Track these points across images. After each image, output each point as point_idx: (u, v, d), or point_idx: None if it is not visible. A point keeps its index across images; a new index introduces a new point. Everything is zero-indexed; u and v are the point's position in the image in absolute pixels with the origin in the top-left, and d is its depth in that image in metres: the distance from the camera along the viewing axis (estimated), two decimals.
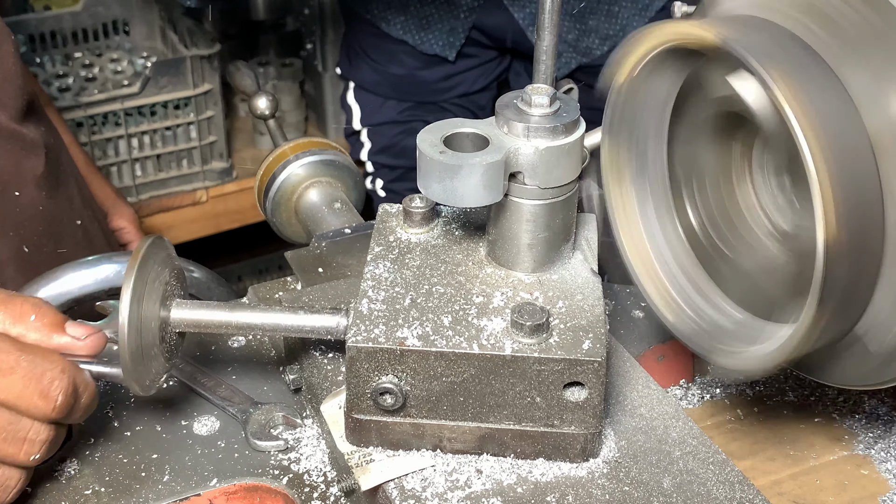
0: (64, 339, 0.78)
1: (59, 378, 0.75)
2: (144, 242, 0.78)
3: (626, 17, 1.70)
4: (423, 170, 0.75)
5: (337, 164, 1.15)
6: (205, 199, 2.00)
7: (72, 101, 1.83)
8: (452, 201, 0.75)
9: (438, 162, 0.74)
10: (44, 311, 0.78)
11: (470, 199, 0.74)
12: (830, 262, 0.64)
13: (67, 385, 0.75)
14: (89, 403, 0.78)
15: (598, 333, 0.75)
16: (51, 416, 0.75)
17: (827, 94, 0.65)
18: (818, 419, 0.94)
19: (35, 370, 0.74)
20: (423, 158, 0.75)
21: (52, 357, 0.75)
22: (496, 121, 0.78)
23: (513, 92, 0.79)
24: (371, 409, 0.76)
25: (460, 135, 0.77)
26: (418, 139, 0.76)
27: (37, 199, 1.25)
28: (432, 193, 0.75)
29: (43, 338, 0.77)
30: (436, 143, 0.75)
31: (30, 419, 0.75)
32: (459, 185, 0.74)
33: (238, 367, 0.95)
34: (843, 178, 0.63)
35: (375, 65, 1.85)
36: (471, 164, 0.73)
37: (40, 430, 0.75)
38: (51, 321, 0.78)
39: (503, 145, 0.75)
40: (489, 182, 0.74)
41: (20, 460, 0.76)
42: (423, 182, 0.76)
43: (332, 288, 0.95)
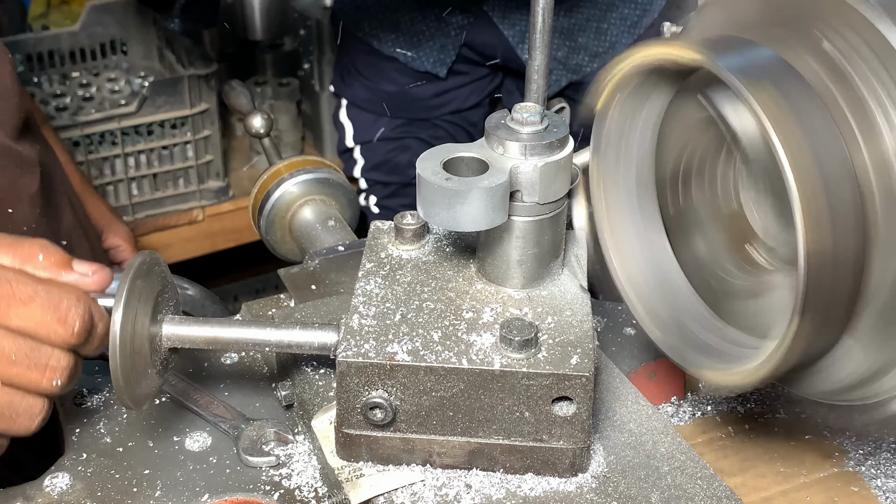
0: (72, 276, 0.80)
1: (75, 305, 0.77)
2: (137, 258, 0.78)
3: (615, 34, 1.72)
4: (429, 198, 0.74)
5: (331, 181, 1.16)
6: (201, 218, 2.00)
7: (69, 121, 1.84)
8: (461, 227, 0.74)
9: (446, 189, 0.73)
10: (50, 251, 0.80)
11: (480, 222, 0.75)
12: (811, 280, 0.65)
13: (84, 312, 0.77)
14: (104, 333, 0.79)
15: (586, 349, 0.75)
16: (70, 342, 0.77)
17: (811, 116, 0.66)
18: (809, 436, 0.95)
19: (52, 298, 0.76)
20: (428, 187, 0.74)
21: (67, 287, 0.78)
22: (488, 143, 0.78)
23: (497, 113, 0.80)
24: (361, 424, 0.77)
25: (456, 160, 0.77)
26: (419, 168, 0.75)
27: (30, 216, 1.26)
28: (440, 221, 0.75)
29: (52, 275, 0.79)
30: (438, 171, 0.75)
31: (50, 346, 0.77)
32: (469, 209, 0.74)
33: (230, 383, 0.95)
34: (822, 195, 0.64)
35: (367, 82, 1.86)
36: (480, 188, 0.73)
37: (61, 357, 0.78)
38: (58, 260, 0.80)
39: (504, 166, 0.76)
40: (497, 204, 0.75)
41: (43, 387, 0.77)
42: (428, 210, 0.75)
43: (324, 304, 0.95)
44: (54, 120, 1.84)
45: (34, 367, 0.76)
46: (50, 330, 0.76)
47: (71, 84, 1.97)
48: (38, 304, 0.76)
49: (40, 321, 0.76)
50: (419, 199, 0.76)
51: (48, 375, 0.77)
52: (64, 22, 2.22)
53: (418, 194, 0.76)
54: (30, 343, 0.76)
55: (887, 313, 0.69)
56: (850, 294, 0.69)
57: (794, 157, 0.64)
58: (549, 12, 0.93)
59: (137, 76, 2.01)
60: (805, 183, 0.64)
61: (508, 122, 0.78)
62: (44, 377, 0.77)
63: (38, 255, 0.80)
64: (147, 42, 2.04)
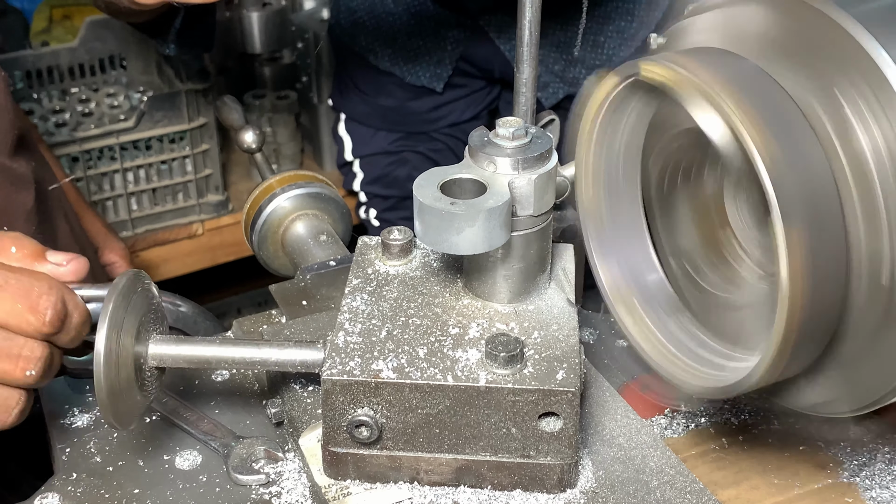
0: (46, 267, 0.79)
1: (47, 293, 0.75)
2: (123, 277, 0.78)
3: (612, 47, 1.71)
4: (436, 225, 0.73)
5: (323, 196, 1.15)
6: (201, 232, 2.00)
7: (67, 137, 1.84)
8: (473, 249, 0.73)
9: (455, 214, 0.72)
10: (23, 243, 0.80)
11: (491, 242, 0.74)
12: (794, 298, 0.64)
13: (56, 300, 0.76)
14: (81, 323, 0.78)
15: (573, 364, 0.75)
16: (43, 331, 0.76)
17: (791, 130, 0.66)
18: (803, 447, 0.94)
19: (22, 286, 0.75)
20: (433, 214, 0.73)
21: (39, 275, 0.76)
22: (475, 161, 0.77)
23: (476, 132, 0.79)
24: (347, 442, 0.76)
25: (450, 184, 0.76)
26: (419, 197, 0.74)
27: (25, 233, 1.25)
28: (448, 247, 0.73)
29: (25, 266, 0.78)
30: (440, 196, 0.74)
31: (23, 336, 0.76)
32: (479, 231, 0.73)
33: (221, 400, 0.95)
34: (805, 215, 0.64)
35: (365, 96, 1.86)
36: (489, 209, 0.73)
37: (34, 347, 0.76)
38: (31, 251, 0.80)
39: (501, 182, 0.75)
40: (504, 222, 0.74)
41: (17, 377, 0.76)
42: (435, 237, 0.74)
43: (314, 321, 0.95)
44: (53, 136, 1.84)
45: (6, 357, 0.75)
46: (21, 319, 0.75)
47: (70, 100, 1.97)
48: (8, 292, 0.74)
49: (10, 310, 0.74)
50: (422, 227, 0.74)
51: (21, 365, 0.76)
52: (66, 37, 2.22)
53: (421, 222, 0.74)
54: (1, 333, 0.75)
55: (873, 322, 0.69)
56: (835, 303, 0.69)
57: (771, 165, 0.64)
58: (536, 26, 0.93)
59: (136, 91, 2.01)
60: (783, 190, 0.64)
61: (494, 138, 0.78)
62: (17, 367, 0.76)
63: (11, 247, 0.79)
64: (146, 57, 2.04)
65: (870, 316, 0.68)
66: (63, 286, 0.78)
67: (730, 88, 0.66)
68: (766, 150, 0.63)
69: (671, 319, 0.83)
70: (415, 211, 0.75)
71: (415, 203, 0.74)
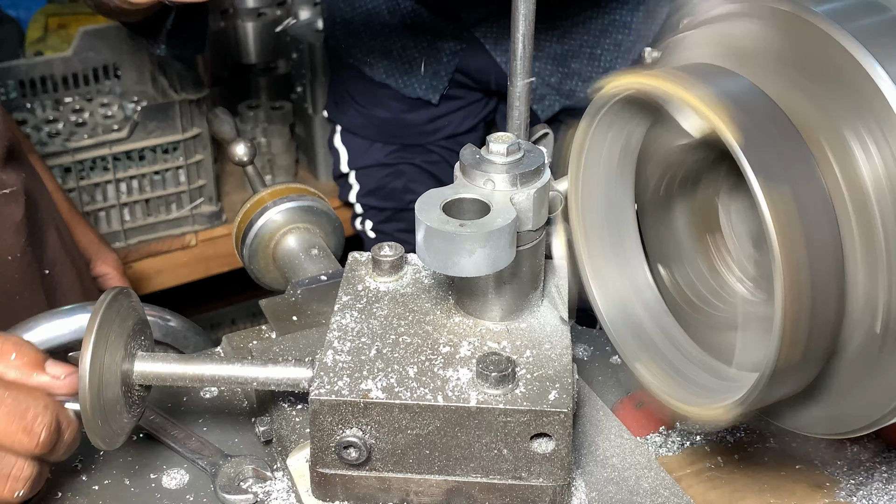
0: (44, 378, 0.78)
1: (42, 414, 0.75)
2: (107, 295, 0.77)
3: (609, 59, 1.71)
4: (446, 248, 0.71)
5: (315, 209, 1.14)
6: (194, 244, 1.99)
7: (60, 147, 1.83)
8: (484, 270, 0.72)
9: (467, 237, 0.71)
10: (24, 350, 0.79)
11: (501, 261, 0.73)
12: (789, 323, 0.63)
13: (51, 421, 0.75)
14: (72, 440, 0.79)
15: (565, 383, 0.74)
16: (34, 452, 0.75)
17: (784, 144, 0.65)
18: (799, 466, 0.93)
19: (19, 406, 0.75)
20: (445, 238, 0.71)
21: (35, 394, 0.76)
22: (470, 179, 0.76)
23: (467, 149, 0.78)
24: (336, 463, 0.75)
25: (448, 205, 0.75)
26: (426, 222, 0.72)
27: (14, 246, 1.25)
28: (460, 269, 0.72)
29: (23, 376, 0.78)
30: (448, 220, 0.72)
31: (13, 455, 0.75)
32: (491, 251, 0.71)
33: (209, 418, 0.94)
34: (802, 237, 0.63)
35: (361, 108, 1.85)
36: (500, 229, 0.71)
37: (24, 467, 0.76)
38: (31, 360, 0.79)
39: (503, 200, 0.74)
40: (512, 239, 0.73)
41: (4, 497, 0.76)
42: (447, 261, 0.72)
43: (304, 337, 0.94)
44: (46, 146, 1.83)
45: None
46: (14, 440, 0.74)
47: (64, 109, 1.96)
48: (3, 411, 0.74)
49: (5, 430, 0.74)
50: (430, 252, 0.72)
51: (10, 486, 0.75)
52: (61, 46, 2.21)
53: (428, 247, 0.72)
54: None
55: (871, 340, 0.68)
56: (830, 324, 0.68)
57: (768, 188, 0.63)
58: (530, 39, 0.92)
59: (130, 101, 2.01)
60: (781, 212, 0.63)
61: (488, 155, 0.76)
62: (5, 488, 0.75)
63: (12, 353, 0.78)
64: (140, 66, 2.03)
65: (864, 339, 0.67)
66: (58, 405, 0.77)
67: (725, 105, 0.65)
68: (762, 173, 0.62)
69: (667, 340, 0.82)
70: (420, 236, 0.72)
71: (419, 228, 0.72)
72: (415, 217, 0.73)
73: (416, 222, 0.72)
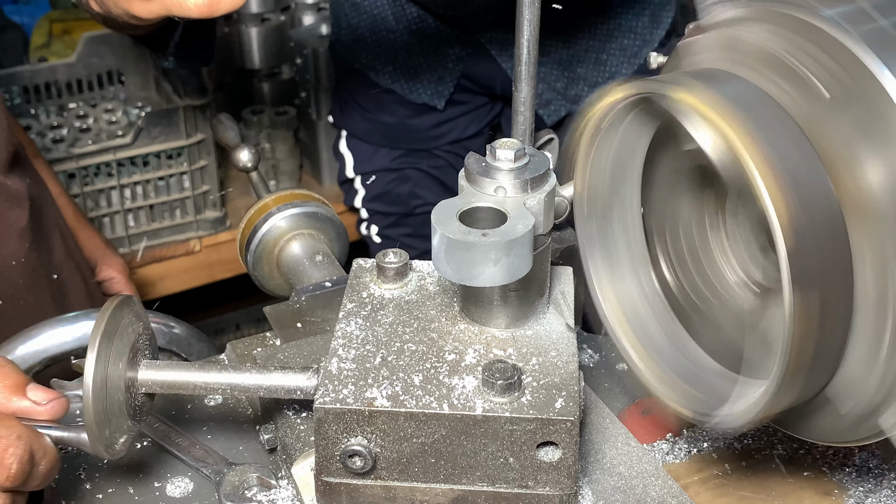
0: (24, 403, 0.76)
1: (14, 445, 0.72)
2: (112, 303, 0.77)
3: (615, 64, 1.70)
4: (470, 260, 0.70)
5: (319, 216, 1.14)
6: (198, 249, 1.99)
7: (65, 153, 1.83)
8: (507, 279, 0.71)
9: (491, 245, 0.70)
10: (6, 373, 0.77)
11: (523, 268, 0.72)
12: (797, 324, 0.63)
13: (23, 453, 0.73)
14: (49, 470, 0.76)
15: (572, 391, 0.73)
16: (5, 485, 0.73)
17: (793, 152, 0.64)
18: (807, 473, 0.92)
19: None
20: (469, 249, 0.70)
21: (7, 423, 0.73)
22: (478, 187, 0.75)
23: (471, 157, 0.77)
24: (341, 472, 0.74)
25: (463, 215, 0.74)
26: (450, 234, 0.70)
27: (19, 251, 1.25)
28: (485, 279, 0.71)
29: (2, 400, 0.76)
30: (469, 230, 0.71)
31: None
32: (514, 260, 0.71)
33: (214, 425, 0.93)
34: (808, 236, 0.62)
35: (366, 113, 1.85)
36: (522, 236, 0.71)
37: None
38: (12, 383, 0.76)
39: (518, 206, 0.74)
40: (531, 246, 0.73)
41: None
42: (470, 272, 0.71)
43: (308, 344, 0.93)
44: (50, 152, 1.83)
45: None
46: None
47: (68, 115, 1.96)
48: None
49: None
50: (451, 264, 0.71)
51: None
52: (65, 52, 2.21)
53: (450, 259, 0.71)
54: None
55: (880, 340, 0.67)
56: (840, 328, 0.67)
57: (772, 186, 0.62)
58: (535, 45, 0.91)
59: (134, 107, 2.00)
60: (786, 212, 0.62)
61: (496, 161, 0.76)
62: None
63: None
64: (144, 72, 2.03)
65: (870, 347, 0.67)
66: (33, 433, 0.75)
67: (733, 111, 0.64)
68: (771, 180, 0.62)
69: (673, 345, 0.81)
70: (439, 248, 0.71)
71: (439, 240, 0.71)
72: (431, 230, 0.72)
73: (434, 235, 0.71)
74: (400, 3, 1.71)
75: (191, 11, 0.96)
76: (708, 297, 0.82)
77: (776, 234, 0.62)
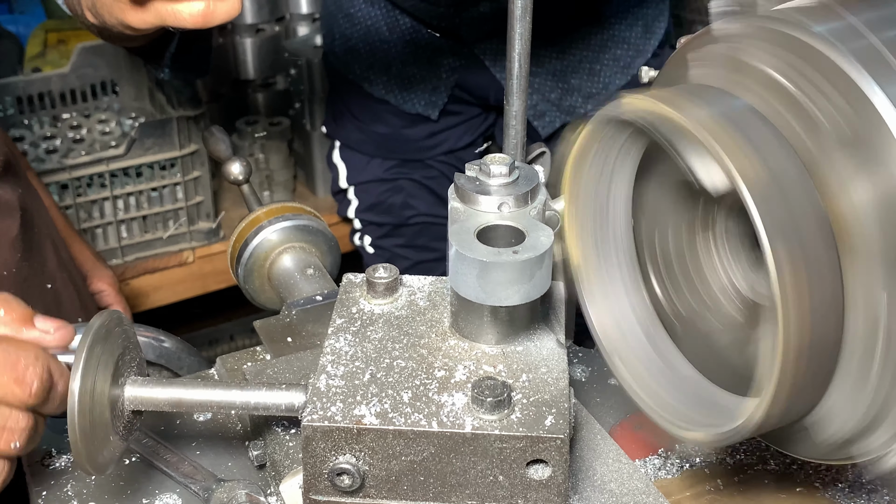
0: (33, 333, 0.79)
1: (33, 364, 0.75)
2: (98, 318, 0.76)
3: (608, 75, 1.70)
4: (508, 279, 0.70)
5: (311, 228, 1.13)
6: (191, 260, 1.98)
7: (57, 164, 1.82)
8: (539, 291, 0.71)
9: (526, 262, 0.70)
10: (12, 306, 0.79)
11: (548, 280, 0.72)
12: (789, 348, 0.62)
13: (42, 371, 0.76)
14: (66, 391, 0.77)
15: (562, 409, 0.73)
16: (28, 403, 0.76)
17: (784, 169, 0.64)
18: (800, 488, 0.92)
19: (9, 358, 0.75)
20: (507, 269, 0.70)
21: (24, 345, 0.76)
22: (478, 206, 0.75)
23: (461, 178, 0.77)
24: (329, 490, 0.74)
25: (482, 233, 0.74)
26: (485, 258, 0.70)
27: (10, 261, 1.24)
28: (520, 297, 0.71)
29: (13, 332, 0.78)
30: (500, 251, 0.70)
31: (7, 407, 0.75)
32: (544, 272, 0.71)
33: (203, 441, 0.92)
34: (796, 244, 0.62)
35: (360, 124, 1.84)
36: (546, 252, 0.71)
37: (20, 418, 0.76)
38: (20, 315, 0.79)
39: (526, 218, 0.74)
40: (552, 260, 0.73)
41: (1, 448, 0.76)
42: (508, 291, 0.71)
43: (298, 360, 0.93)
44: (44, 163, 1.83)
45: None
46: (7, 390, 0.75)
47: (62, 126, 1.96)
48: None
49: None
50: (486, 286, 0.70)
51: (6, 437, 0.76)
52: (61, 61, 2.20)
53: (485, 282, 0.70)
54: None
55: (871, 361, 0.66)
56: (830, 343, 0.67)
57: (763, 204, 0.62)
58: (526, 58, 0.91)
59: (128, 117, 2.00)
60: (777, 231, 0.62)
61: (491, 178, 0.76)
62: (1, 439, 0.75)
63: (0, 310, 0.79)
64: (138, 83, 2.02)
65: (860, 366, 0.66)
66: (49, 356, 0.78)
67: (722, 129, 0.64)
68: (762, 200, 0.61)
69: (664, 362, 0.80)
70: (471, 274, 0.71)
71: (472, 266, 0.70)
72: (454, 257, 0.71)
73: (463, 262, 0.71)
74: (394, 14, 1.71)
75: (185, 22, 0.96)
76: (701, 313, 0.81)
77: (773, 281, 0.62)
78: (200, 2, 0.94)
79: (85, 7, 1.08)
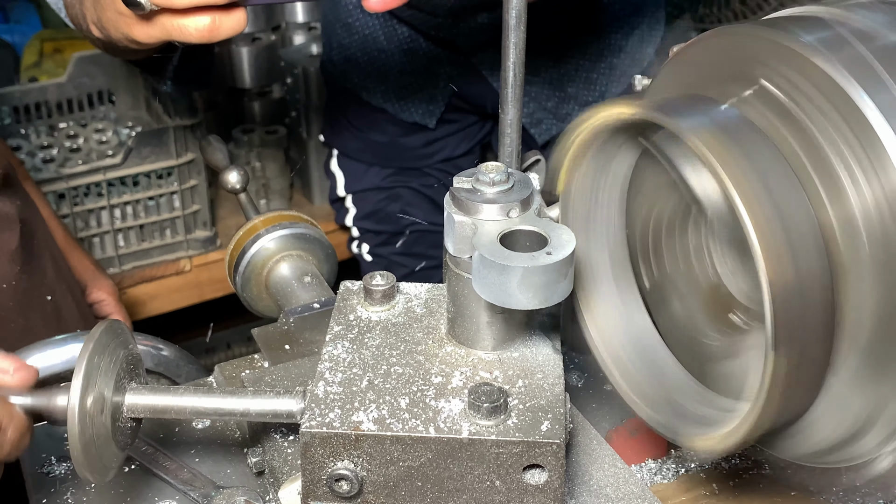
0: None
1: None
2: (98, 328, 0.77)
3: (605, 83, 1.71)
4: (546, 282, 0.70)
5: (308, 237, 1.14)
6: (188, 269, 1.99)
7: (54, 173, 1.83)
8: (554, 300, 0.71)
9: (561, 262, 0.70)
10: None
11: (569, 288, 0.72)
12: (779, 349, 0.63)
13: None
14: (17, 438, 0.75)
15: (558, 414, 0.73)
16: None
17: (776, 179, 0.65)
18: (794, 493, 0.93)
19: None
20: (544, 273, 0.69)
21: None
22: (484, 216, 0.75)
23: (461, 191, 0.77)
24: (327, 496, 0.74)
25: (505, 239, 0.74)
26: (522, 264, 0.70)
27: (9, 273, 1.24)
28: (551, 301, 0.71)
29: None
30: (532, 255, 0.70)
31: None
32: (564, 279, 0.71)
33: (201, 448, 0.93)
34: (786, 250, 0.63)
35: (357, 132, 1.85)
36: (570, 255, 0.71)
37: None
38: None
39: (538, 220, 0.74)
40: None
41: None
42: (548, 294, 0.70)
43: (296, 367, 0.93)
44: (40, 173, 1.83)
45: None
46: None
47: (58, 135, 1.96)
48: None
49: None
50: (529, 293, 0.70)
51: None
52: (57, 71, 2.21)
53: (528, 288, 0.70)
54: None
55: (862, 365, 0.67)
56: (821, 347, 0.67)
57: (754, 212, 0.62)
58: (521, 68, 0.92)
59: (125, 126, 2.01)
60: (767, 237, 0.63)
61: (493, 186, 0.76)
62: None
63: None
64: (135, 92, 2.03)
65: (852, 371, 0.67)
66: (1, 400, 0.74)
67: (715, 139, 0.65)
68: (754, 210, 0.62)
69: (661, 370, 0.81)
70: (511, 282, 0.70)
71: (512, 274, 0.70)
72: (487, 272, 0.71)
73: (502, 274, 0.70)
74: (391, 23, 1.71)
75: (192, 36, 0.96)
76: (698, 325, 0.82)
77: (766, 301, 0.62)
78: (206, 17, 0.94)
79: (90, 22, 1.08)
